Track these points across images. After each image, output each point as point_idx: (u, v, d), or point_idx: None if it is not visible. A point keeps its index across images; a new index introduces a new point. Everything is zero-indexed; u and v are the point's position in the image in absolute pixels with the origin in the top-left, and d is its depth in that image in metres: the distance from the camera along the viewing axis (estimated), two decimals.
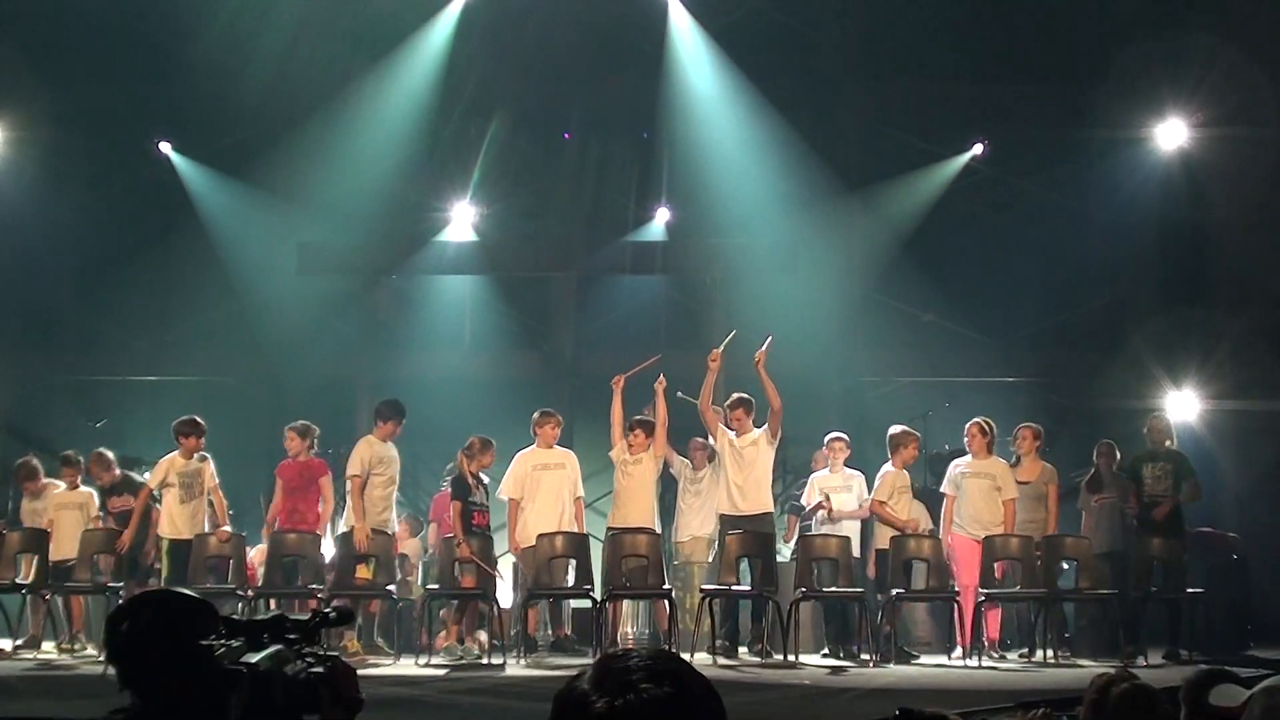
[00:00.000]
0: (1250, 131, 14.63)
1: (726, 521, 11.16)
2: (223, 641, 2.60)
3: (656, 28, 15.06)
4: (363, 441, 11.36)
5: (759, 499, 11.23)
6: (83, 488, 12.08)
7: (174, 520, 11.26)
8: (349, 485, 11.19)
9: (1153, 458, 11.94)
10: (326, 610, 2.84)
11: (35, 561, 11.56)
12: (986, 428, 11.43)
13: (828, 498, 11.64)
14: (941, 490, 11.55)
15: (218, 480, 11.48)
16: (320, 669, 2.68)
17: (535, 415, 11.48)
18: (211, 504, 11.42)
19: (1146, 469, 11.91)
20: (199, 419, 11.48)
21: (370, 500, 11.13)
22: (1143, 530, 11.80)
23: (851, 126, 15.55)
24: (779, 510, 13.37)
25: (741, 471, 11.19)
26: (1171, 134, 15.19)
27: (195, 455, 11.39)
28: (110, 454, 12.24)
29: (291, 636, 2.66)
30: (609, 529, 11.27)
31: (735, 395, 11.45)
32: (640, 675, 1.84)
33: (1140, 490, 11.85)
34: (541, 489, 11.27)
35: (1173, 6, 15.03)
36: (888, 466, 11.48)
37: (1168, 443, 12.03)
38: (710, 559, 11.68)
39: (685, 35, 15.10)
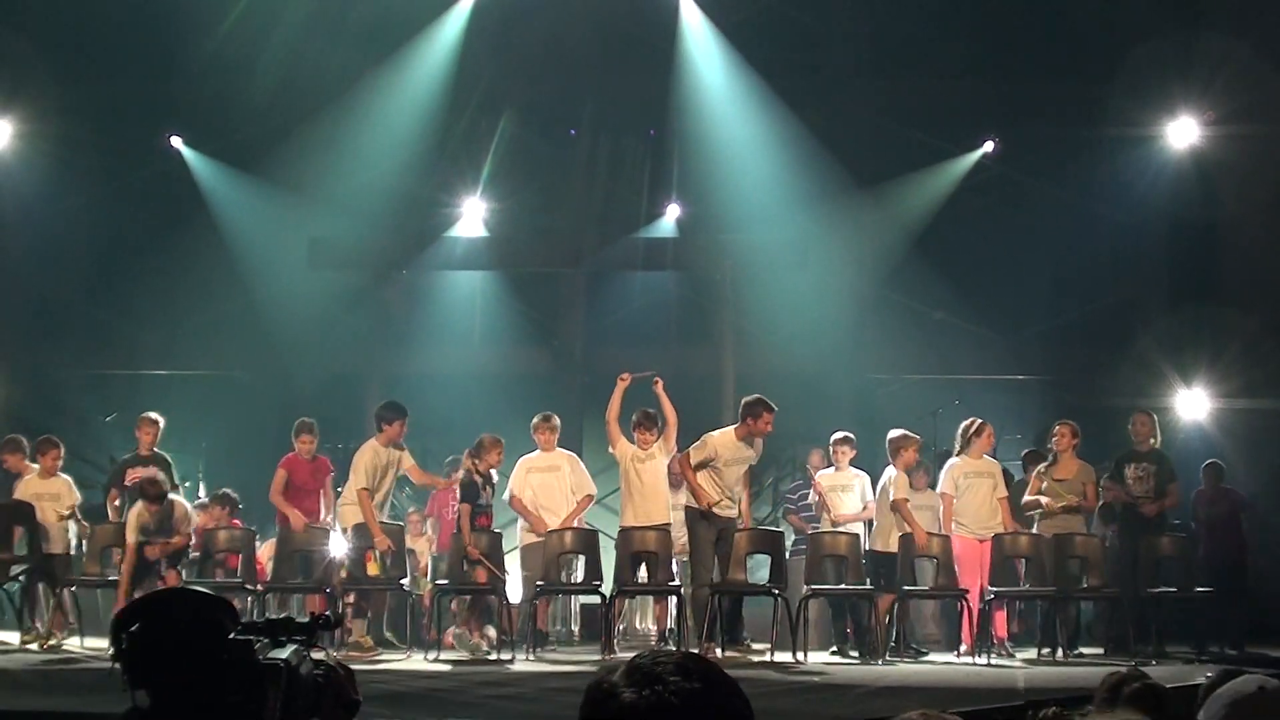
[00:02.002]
0: (1262, 130, 14.61)
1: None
2: (257, 638, 2.62)
3: (667, 24, 15.04)
4: (367, 449, 11.06)
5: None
6: (60, 475, 11.67)
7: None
8: (358, 497, 10.86)
9: (1135, 458, 11.84)
10: (326, 613, 2.85)
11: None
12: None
13: (823, 495, 11.57)
14: (940, 491, 11.43)
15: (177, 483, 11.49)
16: (321, 670, 2.70)
17: (534, 420, 11.48)
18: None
19: (1129, 469, 11.80)
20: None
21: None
22: (1126, 530, 11.73)
23: (862, 123, 15.50)
24: (780, 512, 13.36)
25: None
26: (1182, 132, 15.15)
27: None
28: (160, 422, 11.90)
29: (299, 638, 2.67)
30: (624, 528, 11.03)
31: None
32: (669, 670, 1.93)
33: (1123, 491, 11.79)
34: (536, 492, 11.29)
35: (1184, 4, 14.99)
36: (890, 470, 11.43)
37: (1151, 441, 11.93)
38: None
39: (696, 32, 15.08)
